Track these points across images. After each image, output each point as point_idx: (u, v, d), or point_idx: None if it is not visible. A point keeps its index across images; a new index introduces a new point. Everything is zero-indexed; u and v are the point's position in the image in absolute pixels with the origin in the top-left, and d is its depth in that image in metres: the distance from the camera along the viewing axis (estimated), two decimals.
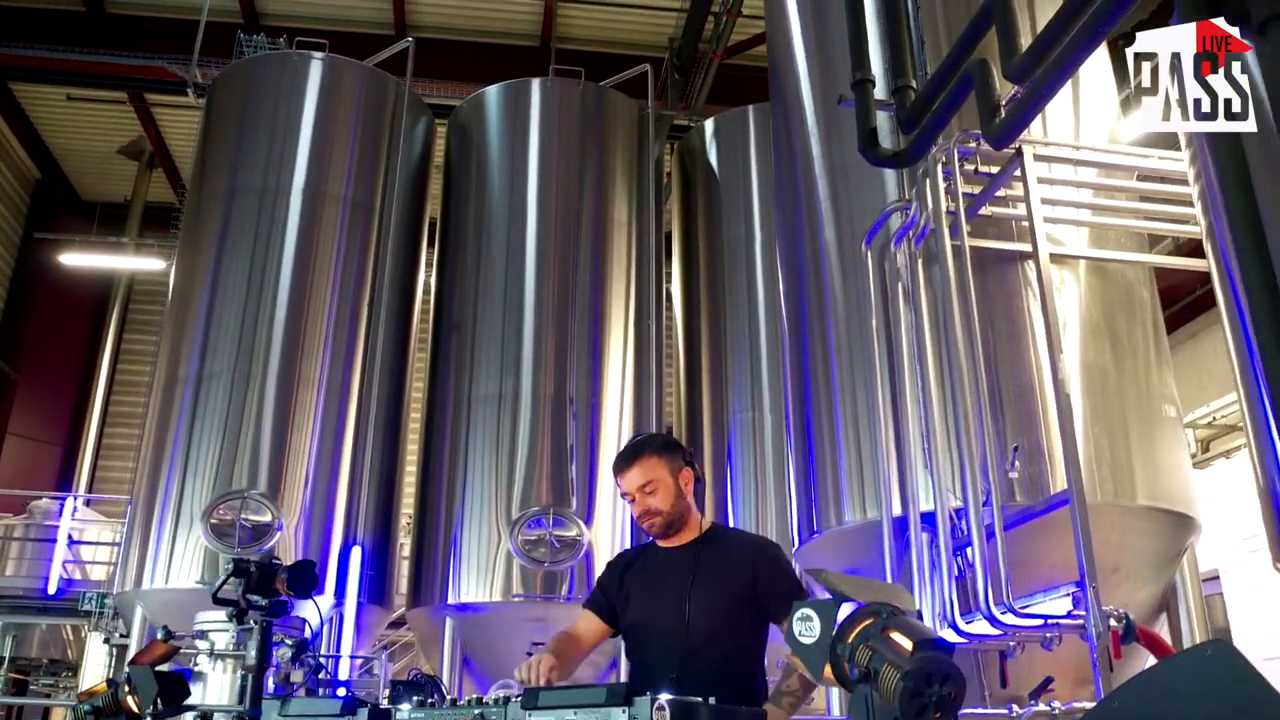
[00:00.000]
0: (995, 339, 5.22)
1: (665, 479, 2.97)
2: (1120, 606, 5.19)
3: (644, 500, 2.96)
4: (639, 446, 3.03)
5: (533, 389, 8.79)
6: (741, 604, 2.87)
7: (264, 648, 3.09)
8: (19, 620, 12.83)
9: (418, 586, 8.83)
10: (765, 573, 2.91)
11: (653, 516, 2.97)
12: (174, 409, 8.38)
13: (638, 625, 3.00)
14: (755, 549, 3.02)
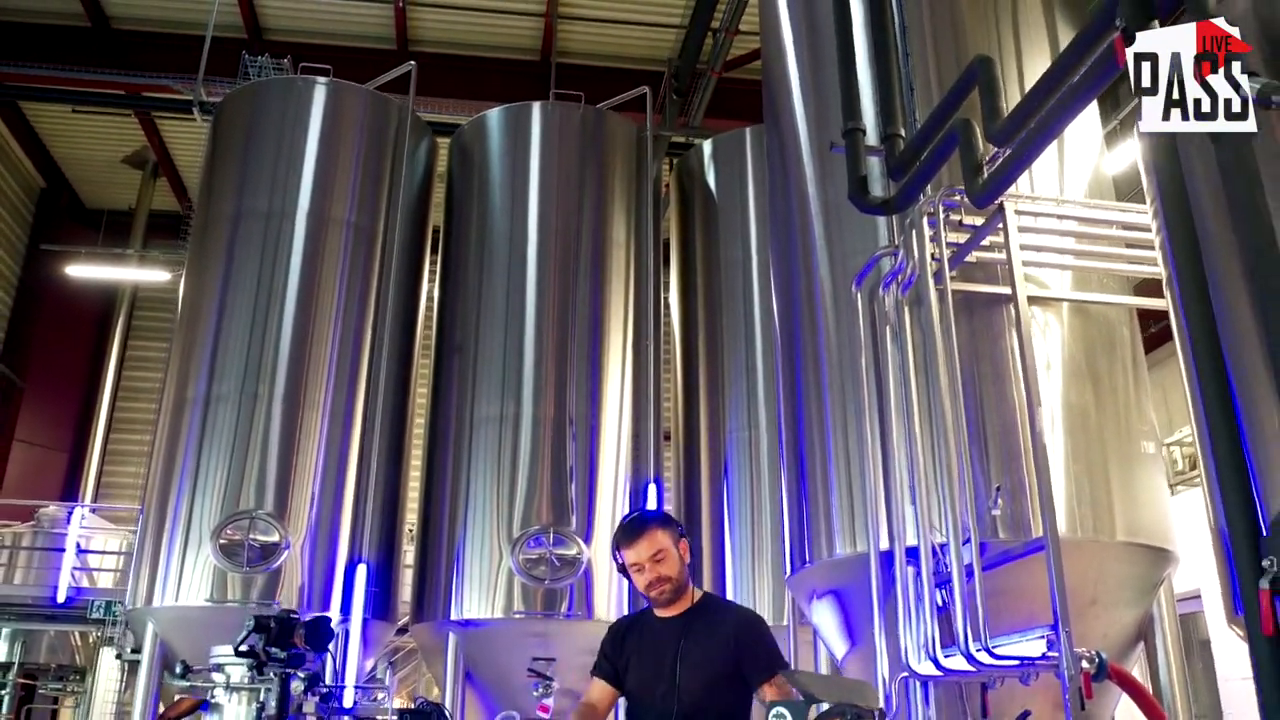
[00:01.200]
0: (980, 380, 5.41)
1: (671, 549, 3.21)
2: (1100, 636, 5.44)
3: (655, 569, 3.19)
4: (644, 520, 3.27)
5: (533, 410, 8.99)
6: (726, 673, 3.11)
7: (283, 697, 3.28)
8: (28, 627, 13.05)
9: (421, 602, 9.04)
10: (747, 647, 3.16)
11: (663, 584, 3.19)
12: (183, 430, 8.59)
13: (635, 692, 3.24)
14: (738, 623, 3.26)
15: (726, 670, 3.10)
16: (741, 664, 3.11)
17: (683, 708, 3.04)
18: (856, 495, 5.78)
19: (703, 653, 3.11)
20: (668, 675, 3.09)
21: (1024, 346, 4.74)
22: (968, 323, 5.50)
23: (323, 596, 8.35)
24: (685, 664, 3.08)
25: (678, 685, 3.06)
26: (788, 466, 6.54)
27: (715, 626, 3.17)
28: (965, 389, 5.32)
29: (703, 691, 3.06)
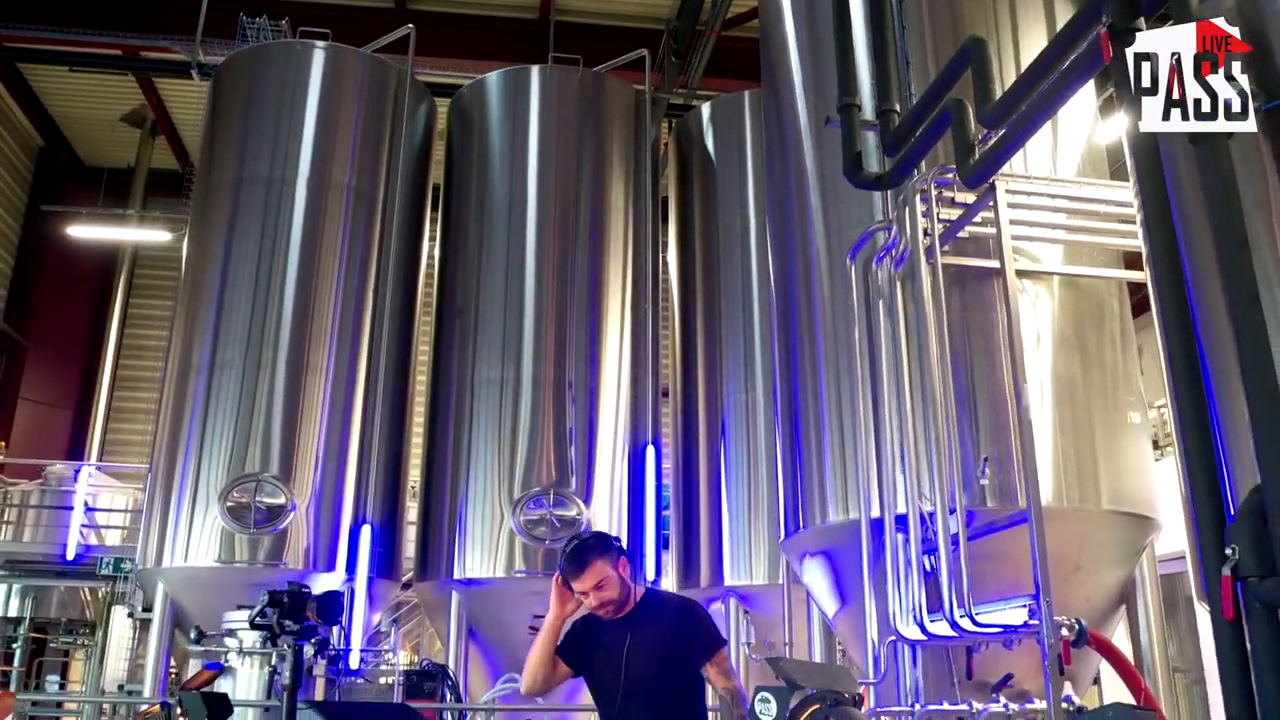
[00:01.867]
0: (971, 352, 5.53)
1: (610, 574, 3.55)
2: (1083, 600, 5.62)
3: (598, 595, 3.54)
4: (583, 554, 3.58)
5: (533, 374, 9.13)
6: (673, 655, 3.49)
7: (297, 667, 3.45)
8: (38, 583, 13.30)
9: (424, 561, 9.25)
10: (688, 630, 3.56)
11: (607, 605, 3.55)
12: (188, 395, 8.73)
13: (596, 687, 3.63)
14: (678, 611, 3.65)
15: (672, 653, 3.49)
16: (688, 646, 3.51)
17: (636, 693, 3.44)
18: (849, 463, 5.92)
19: (649, 642, 3.49)
20: (621, 667, 3.48)
21: (1011, 323, 4.85)
22: (959, 296, 5.61)
23: (328, 557, 8.55)
24: (634, 656, 3.47)
25: (627, 675, 3.45)
26: (783, 434, 6.68)
27: (658, 618, 3.58)
28: (955, 361, 5.45)
29: (653, 676, 3.44)
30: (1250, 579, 2.47)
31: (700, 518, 9.98)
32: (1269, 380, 2.56)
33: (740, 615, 9.10)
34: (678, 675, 3.49)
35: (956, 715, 4.70)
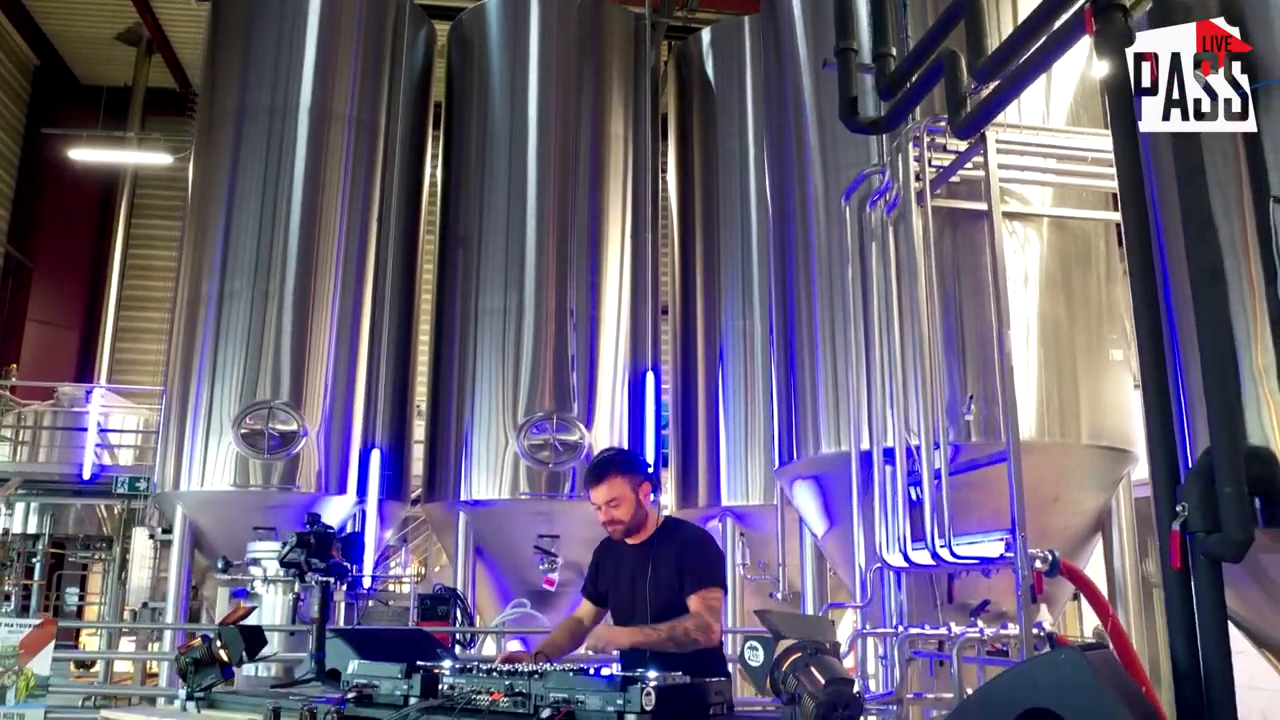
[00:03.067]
0: (960, 293, 5.73)
1: (628, 495, 3.58)
2: (1061, 528, 5.93)
3: (609, 512, 3.59)
4: (605, 467, 3.62)
5: (535, 302, 9.31)
6: (678, 584, 3.53)
7: (324, 601, 3.73)
8: (55, 501, 13.71)
9: (432, 483, 9.57)
10: (686, 558, 3.57)
11: (615, 525, 3.61)
12: (198, 325, 8.93)
13: (615, 610, 3.73)
14: (684, 539, 3.65)
15: (677, 582, 3.53)
16: (682, 572, 3.52)
17: (649, 619, 3.49)
18: (841, 398, 6.18)
19: (665, 572, 3.54)
20: (639, 595, 3.57)
21: (996, 267, 5.03)
22: (951, 237, 5.79)
23: (339, 480, 8.86)
24: (651, 584, 3.54)
25: (647, 602, 3.53)
26: (778, 369, 6.92)
27: (671, 548, 3.59)
28: (945, 301, 5.66)
29: (664, 603, 3.50)
30: (1197, 533, 2.72)
31: (698, 440, 10.27)
32: (1224, 353, 2.77)
33: (737, 535, 9.46)
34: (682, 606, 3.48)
35: (937, 638, 5.01)
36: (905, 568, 5.35)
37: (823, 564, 7.51)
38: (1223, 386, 2.73)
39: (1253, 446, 2.78)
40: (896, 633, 5.37)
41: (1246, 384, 2.85)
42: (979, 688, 3.37)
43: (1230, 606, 3.06)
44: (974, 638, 4.70)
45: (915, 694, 5.31)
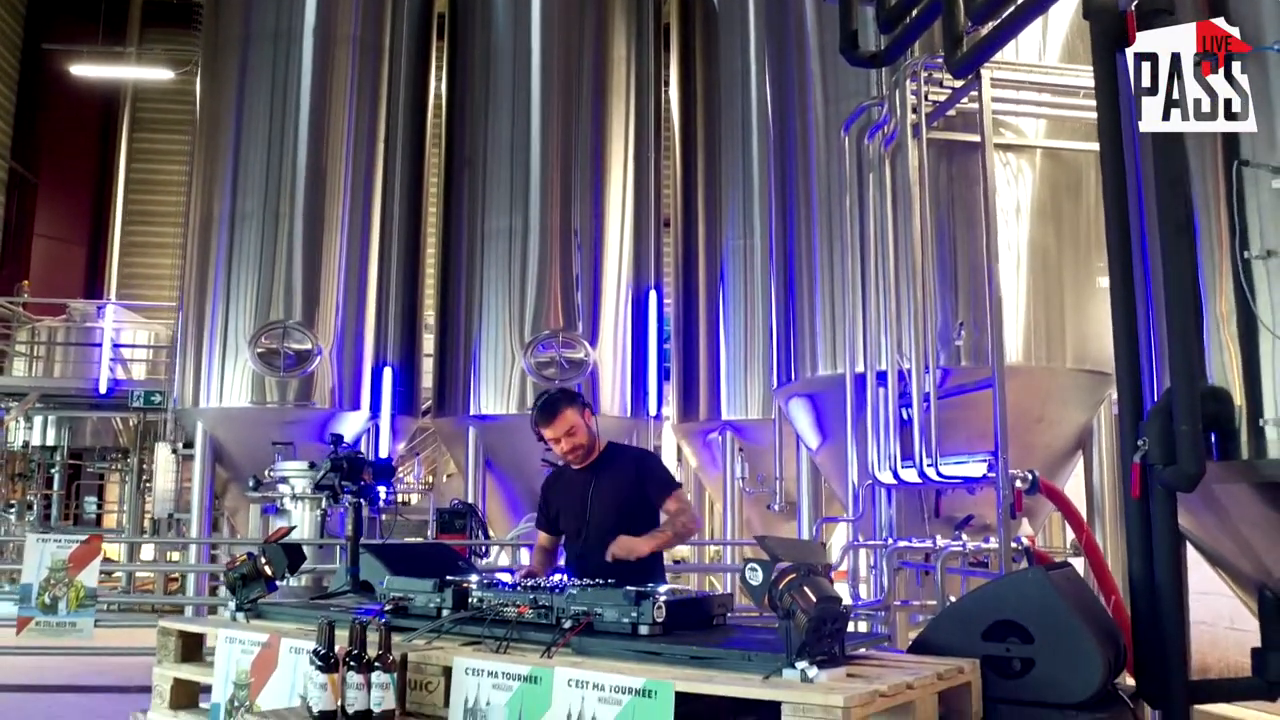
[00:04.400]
0: (954, 224, 5.93)
1: (579, 422, 3.93)
2: (1044, 446, 6.24)
3: (569, 440, 3.93)
4: (555, 404, 3.96)
5: (540, 222, 9.51)
6: (633, 498, 3.92)
7: (357, 520, 4.04)
8: (73, 415, 14.07)
9: (441, 399, 9.89)
10: (648, 473, 3.99)
11: (577, 451, 3.95)
12: (211, 246, 9.15)
13: (564, 530, 4.07)
14: (637, 459, 4.09)
15: (632, 495, 3.90)
16: (645, 487, 3.91)
17: (592, 530, 3.87)
18: (838, 322, 6.43)
19: (611, 489, 3.89)
20: (585, 510, 3.91)
21: (988, 200, 5.23)
22: (947, 168, 5.96)
23: (353, 396, 9.17)
24: (595, 502, 3.89)
25: (589, 520, 3.89)
26: (777, 293, 7.16)
27: (618, 467, 3.96)
28: (939, 231, 5.86)
29: (614, 517, 3.85)
30: (1155, 466, 3.00)
31: (699, 356, 10.57)
32: (1187, 301, 3.02)
33: (736, 449, 9.82)
34: (637, 515, 3.89)
35: (924, 551, 5.36)
36: (895, 485, 5.67)
37: (818, 478, 7.86)
38: (1184, 332, 2.98)
39: (1211, 387, 3.04)
40: (886, 545, 5.72)
41: (1209, 329, 3.09)
42: (956, 601, 3.71)
43: (1188, 529, 3.38)
44: (958, 551, 5.05)
45: (902, 601, 5.69)
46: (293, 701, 3.11)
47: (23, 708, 7.11)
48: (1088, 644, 2.73)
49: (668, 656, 2.72)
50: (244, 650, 3.37)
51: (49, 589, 4.90)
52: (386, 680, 2.73)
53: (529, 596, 3.20)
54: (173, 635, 3.69)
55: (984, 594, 2.99)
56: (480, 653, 2.91)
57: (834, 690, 2.31)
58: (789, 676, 2.43)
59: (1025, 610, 2.82)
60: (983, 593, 3.01)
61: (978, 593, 3.00)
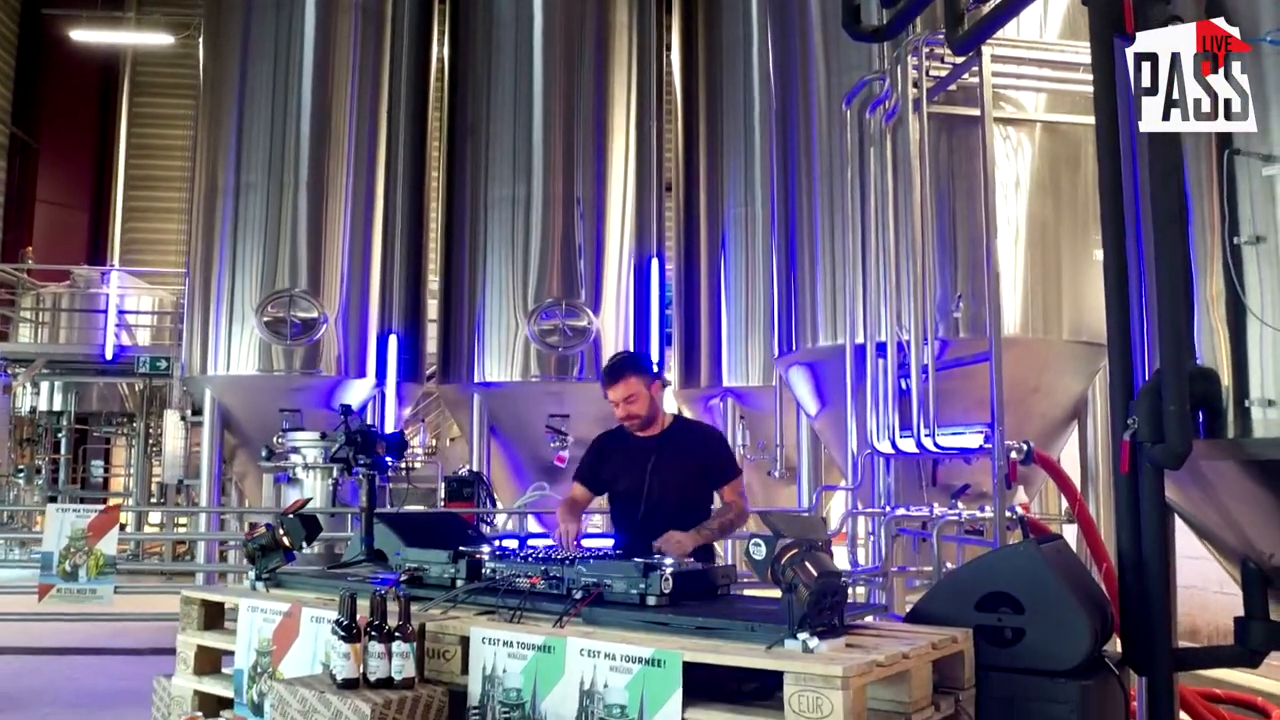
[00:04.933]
0: (954, 197, 6.01)
1: (642, 391, 3.98)
2: (1039, 416, 6.37)
3: (626, 408, 3.98)
4: (621, 368, 4.01)
5: (543, 191, 9.56)
6: (694, 476, 4.01)
7: (371, 491, 4.17)
8: (79, 380, 14.21)
9: (446, 366, 10.01)
10: (714, 456, 4.08)
11: (633, 419, 4.01)
12: (217, 216, 9.22)
13: (620, 493, 4.12)
14: (706, 438, 4.17)
15: (694, 474, 3.99)
16: (708, 469, 4.01)
17: (651, 504, 3.94)
18: (838, 294, 6.53)
19: (674, 462, 3.96)
20: (644, 480, 3.97)
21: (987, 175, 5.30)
22: (946, 141, 6.03)
23: (358, 364, 9.29)
24: (658, 472, 3.96)
25: (649, 488, 3.95)
26: (778, 263, 7.25)
27: (686, 442, 4.05)
28: (939, 204, 5.94)
29: (673, 491, 3.94)
30: (1144, 444, 3.11)
31: (700, 323, 10.67)
32: (1177, 287, 3.11)
33: (737, 416, 9.94)
34: (695, 494, 4.00)
35: (921, 519, 5.50)
36: (893, 454, 5.80)
37: (818, 445, 8.01)
38: (1174, 317, 3.08)
39: (1200, 367, 3.14)
40: (884, 513, 5.87)
41: (1199, 312, 3.19)
42: (950, 573, 3.85)
43: (1176, 502, 3.50)
44: (954, 520, 5.18)
45: (899, 568, 5.84)
46: (314, 668, 3.25)
47: (39, 670, 7.30)
48: (1076, 614, 2.86)
49: (675, 627, 2.84)
50: (266, 619, 3.50)
51: (69, 557, 5.04)
52: (406, 650, 2.86)
53: (541, 568, 3.33)
54: (195, 604, 3.82)
55: (977, 566, 3.12)
56: (495, 622, 3.04)
57: (834, 661, 2.44)
58: (791, 647, 2.55)
59: (1016, 582, 2.95)
60: (976, 565, 3.13)
61: (971, 565, 3.13)
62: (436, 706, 2.84)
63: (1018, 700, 2.85)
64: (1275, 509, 3.11)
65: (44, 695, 6.45)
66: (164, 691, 4.11)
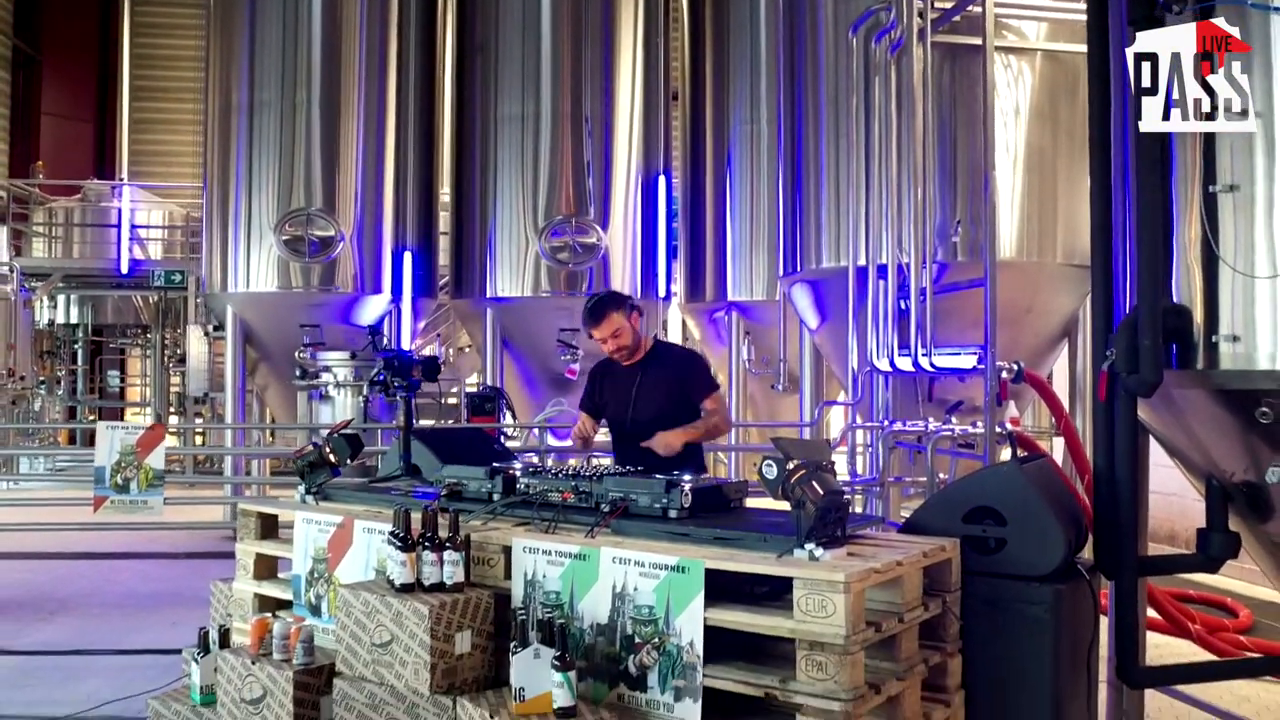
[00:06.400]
0: (956, 125, 6.22)
1: (625, 325, 4.28)
2: (1033, 335, 6.69)
3: (614, 341, 4.29)
4: (601, 308, 4.29)
5: (552, 108, 9.70)
6: (675, 395, 4.33)
7: (408, 413, 4.49)
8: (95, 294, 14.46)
9: (459, 281, 10.28)
10: (691, 375, 4.40)
11: (621, 351, 4.32)
12: (232, 135, 9.37)
13: (610, 419, 4.49)
14: (682, 359, 4.51)
15: (674, 389, 4.31)
16: (687, 384, 4.32)
17: (637, 418, 4.30)
18: (842, 218, 6.79)
19: (656, 380, 4.30)
20: (629, 404, 4.33)
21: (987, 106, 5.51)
22: (950, 69, 6.22)
23: (374, 280, 9.56)
24: (640, 395, 4.28)
25: (635, 405, 4.31)
26: (784, 186, 7.48)
27: (665, 364, 4.36)
28: (940, 132, 6.16)
29: (655, 407, 4.28)
30: (1120, 374, 3.42)
31: (706, 238, 10.91)
32: (1156, 230, 3.38)
33: (741, 332, 10.26)
34: (676, 410, 4.31)
35: (916, 433, 5.86)
36: (891, 372, 6.14)
37: (819, 360, 8.34)
38: (1153, 259, 3.36)
39: (1174, 305, 3.43)
40: (882, 427, 6.23)
41: (1177, 253, 3.46)
42: (941, 489, 4.20)
43: (1151, 424, 3.83)
44: (948, 435, 5.54)
45: (895, 478, 6.23)
46: (367, 575, 3.61)
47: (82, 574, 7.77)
48: (1052, 527, 3.20)
49: (694, 537, 3.18)
50: (320, 530, 3.86)
51: (120, 471, 5.40)
52: (457, 558, 3.21)
53: (571, 484, 3.66)
54: (253, 516, 4.18)
55: (965, 483, 3.46)
56: (531, 532, 3.38)
57: (837, 568, 2.78)
58: (799, 556, 2.90)
59: (1000, 497, 3.29)
60: (964, 482, 3.48)
61: (960, 482, 3.48)
62: (484, 607, 3.20)
63: (998, 602, 3.21)
64: (1238, 433, 3.43)
65: (91, 598, 6.92)
66: (222, 595, 4.50)
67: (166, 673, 4.87)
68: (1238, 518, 3.69)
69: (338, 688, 3.24)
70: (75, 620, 6.26)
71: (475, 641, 3.14)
